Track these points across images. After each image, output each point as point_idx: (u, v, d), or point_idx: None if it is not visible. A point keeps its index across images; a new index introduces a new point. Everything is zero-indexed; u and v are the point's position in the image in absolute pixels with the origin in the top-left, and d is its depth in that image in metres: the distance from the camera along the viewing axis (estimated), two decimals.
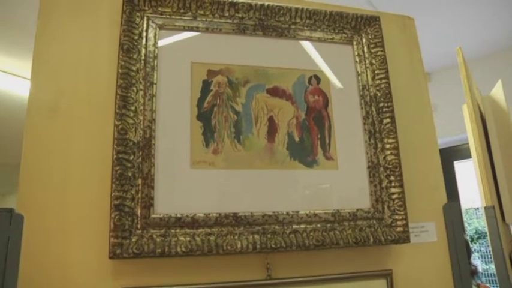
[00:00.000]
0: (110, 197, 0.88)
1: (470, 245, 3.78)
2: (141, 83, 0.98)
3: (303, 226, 0.99)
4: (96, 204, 0.91)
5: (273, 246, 0.94)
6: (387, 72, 1.17)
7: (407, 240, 1.04)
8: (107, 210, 0.88)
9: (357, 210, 1.05)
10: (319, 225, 1.01)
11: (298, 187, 1.04)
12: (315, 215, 1.01)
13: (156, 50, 1.02)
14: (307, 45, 1.16)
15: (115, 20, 1.03)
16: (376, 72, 1.17)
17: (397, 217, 1.06)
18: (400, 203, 1.06)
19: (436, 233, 1.15)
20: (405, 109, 1.23)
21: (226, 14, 1.10)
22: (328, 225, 1.01)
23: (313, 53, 1.16)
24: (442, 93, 3.43)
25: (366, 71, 1.17)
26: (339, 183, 1.07)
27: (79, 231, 0.90)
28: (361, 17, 1.20)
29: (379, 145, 1.11)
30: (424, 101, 1.28)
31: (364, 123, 1.13)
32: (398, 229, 1.04)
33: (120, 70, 0.96)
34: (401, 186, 1.08)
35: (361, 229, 1.03)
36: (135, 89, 0.97)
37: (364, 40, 1.20)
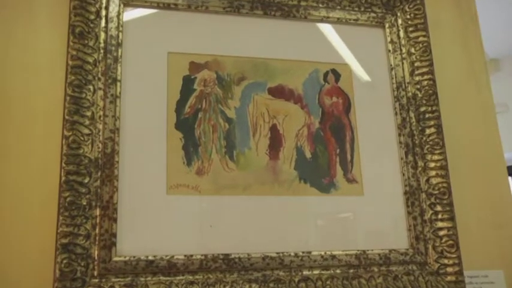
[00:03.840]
0: (55, 234, 0.88)
1: None
2: (99, 79, 0.99)
3: (316, 272, 0.99)
4: (36, 244, 0.91)
5: None
6: (431, 64, 1.17)
7: None
8: (51, 251, 0.88)
9: (390, 251, 1.05)
10: (338, 271, 1.00)
11: (310, 219, 1.05)
12: (333, 257, 1.01)
13: (120, 35, 1.03)
14: (322, 29, 1.17)
15: None
16: (416, 64, 1.17)
17: (446, 261, 1.05)
18: (451, 242, 1.06)
19: (507, 285, 1.14)
20: (457, 114, 1.23)
21: None
22: (351, 271, 1.01)
23: (330, 40, 1.17)
24: None
25: (403, 63, 1.17)
26: (366, 215, 1.07)
27: (11, 281, 0.89)
28: None
29: (420, 163, 1.11)
30: (485, 101, 1.28)
31: (400, 134, 1.13)
32: (449, 278, 1.04)
33: (70, 62, 0.97)
34: (452, 219, 1.08)
35: (396, 277, 1.02)
36: (91, 87, 0.97)
37: (400, 21, 1.20)
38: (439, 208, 1.08)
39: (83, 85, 0.97)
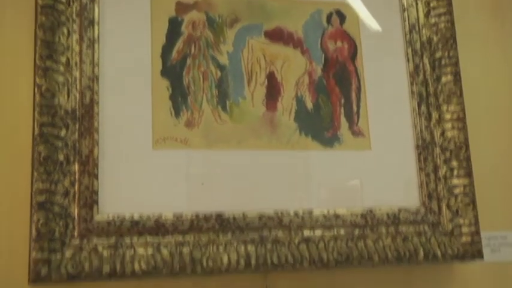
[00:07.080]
0: (30, 192, 0.88)
1: None
2: (74, 21, 0.97)
3: (318, 233, 1.00)
4: (9, 203, 0.91)
5: (275, 262, 0.95)
6: (450, 4, 1.15)
7: (478, 255, 1.05)
8: (25, 210, 0.88)
9: (400, 210, 1.05)
10: (342, 232, 1.01)
11: (311, 176, 1.05)
12: (337, 216, 1.01)
13: None
14: None
15: None
16: (432, 4, 1.15)
17: (461, 221, 1.06)
18: (467, 200, 1.06)
19: None
20: (477, 60, 1.22)
21: None
22: (357, 231, 1.01)
23: None
24: None
25: (417, 3, 1.16)
26: (373, 171, 1.07)
27: None
28: None
29: (435, 115, 1.10)
30: (511, 45, 1.26)
31: (412, 83, 1.12)
32: (464, 239, 1.05)
33: (40, 1, 0.95)
34: (469, 175, 1.07)
35: (406, 238, 1.03)
36: (65, 30, 0.96)
37: None
38: (454, 164, 1.08)
39: (55, 27, 0.95)
